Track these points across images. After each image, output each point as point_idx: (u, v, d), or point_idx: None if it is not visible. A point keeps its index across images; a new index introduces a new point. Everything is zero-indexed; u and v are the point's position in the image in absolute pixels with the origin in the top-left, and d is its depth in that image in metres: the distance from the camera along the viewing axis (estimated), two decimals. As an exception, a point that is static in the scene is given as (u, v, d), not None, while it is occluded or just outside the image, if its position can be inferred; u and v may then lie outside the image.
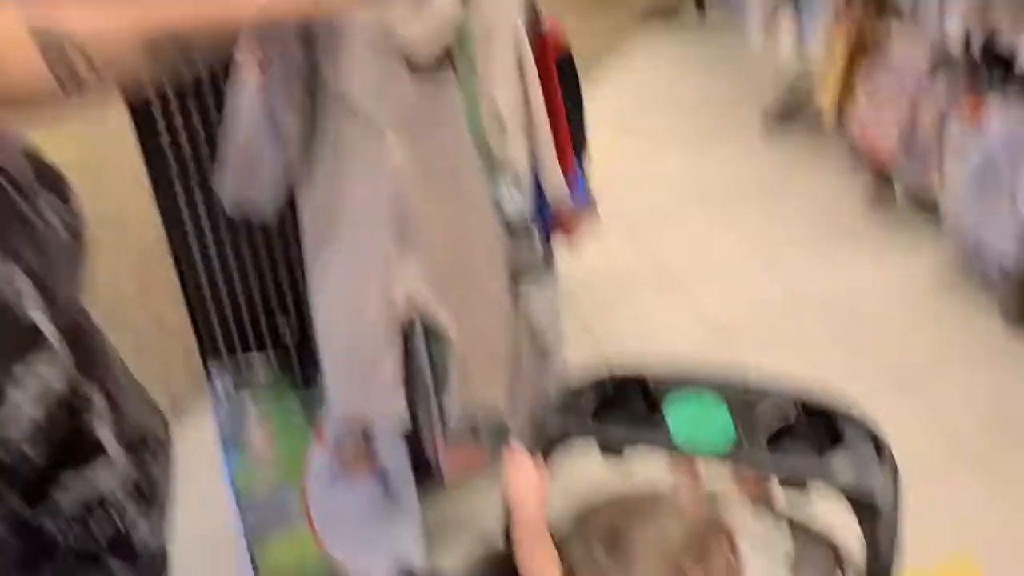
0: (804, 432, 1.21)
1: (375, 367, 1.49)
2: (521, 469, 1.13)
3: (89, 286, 0.93)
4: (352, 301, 1.45)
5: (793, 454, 1.20)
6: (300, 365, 1.63)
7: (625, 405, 1.25)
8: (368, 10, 1.19)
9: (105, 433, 0.85)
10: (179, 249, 1.55)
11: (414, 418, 1.64)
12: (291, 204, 1.44)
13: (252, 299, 1.64)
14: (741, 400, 1.20)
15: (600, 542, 0.94)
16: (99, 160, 2.48)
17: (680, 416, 1.19)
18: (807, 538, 1.33)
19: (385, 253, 1.41)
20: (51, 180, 0.87)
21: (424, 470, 1.80)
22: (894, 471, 1.10)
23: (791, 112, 3.45)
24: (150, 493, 0.91)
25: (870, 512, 1.07)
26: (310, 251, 1.44)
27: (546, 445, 1.17)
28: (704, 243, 2.87)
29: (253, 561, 1.65)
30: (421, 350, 1.65)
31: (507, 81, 1.38)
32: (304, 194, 1.40)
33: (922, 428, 2.15)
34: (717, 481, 1.41)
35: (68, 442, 0.80)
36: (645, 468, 1.21)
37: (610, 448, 1.18)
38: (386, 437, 1.67)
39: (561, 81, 1.56)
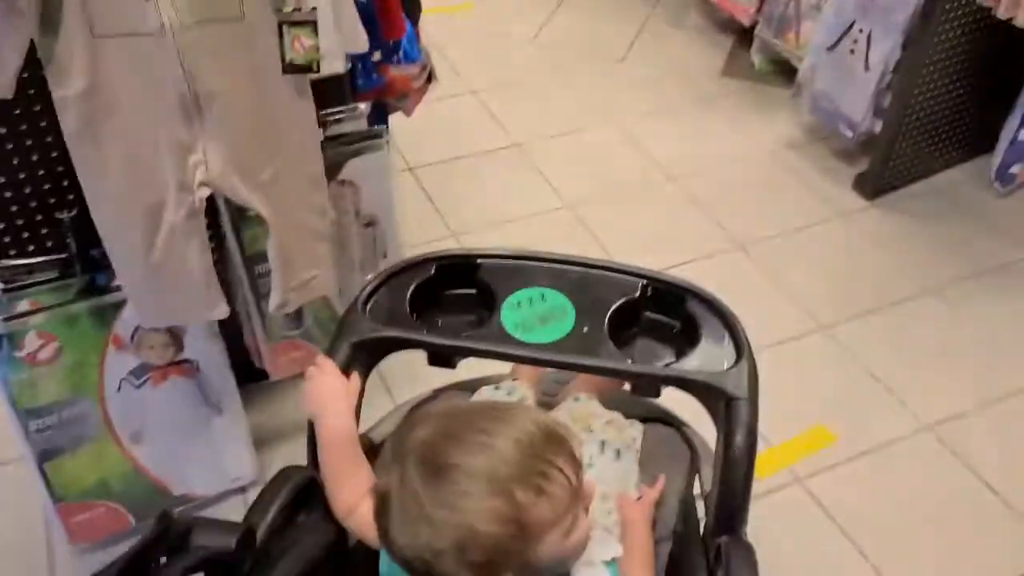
0: (651, 320, 1.10)
1: (181, 270, 1.29)
2: (323, 376, 0.97)
3: None
4: (141, 199, 1.23)
5: (639, 340, 1.09)
6: (85, 268, 1.37)
7: (451, 293, 1.10)
8: None
9: None
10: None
11: (233, 313, 1.45)
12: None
13: (23, 196, 1.36)
14: (580, 283, 1.08)
15: (418, 465, 0.78)
16: None
17: (513, 302, 1.06)
18: (658, 429, 1.25)
19: (174, 138, 1.20)
20: None
21: (246, 370, 1.61)
22: (749, 356, 1.01)
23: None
24: None
25: (723, 399, 0.97)
26: (76, 148, 1.18)
27: (356, 347, 1.01)
28: (554, 113, 2.71)
29: (48, 483, 1.45)
30: (231, 239, 1.44)
31: None
32: (56, 77, 1.12)
33: (771, 298, 2.13)
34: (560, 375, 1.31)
35: None
36: (480, 364, 1.08)
37: (435, 346, 1.03)
38: (198, 335, 1.46)
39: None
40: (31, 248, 1.41)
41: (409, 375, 1.27)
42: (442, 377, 1.15)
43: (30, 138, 1.33)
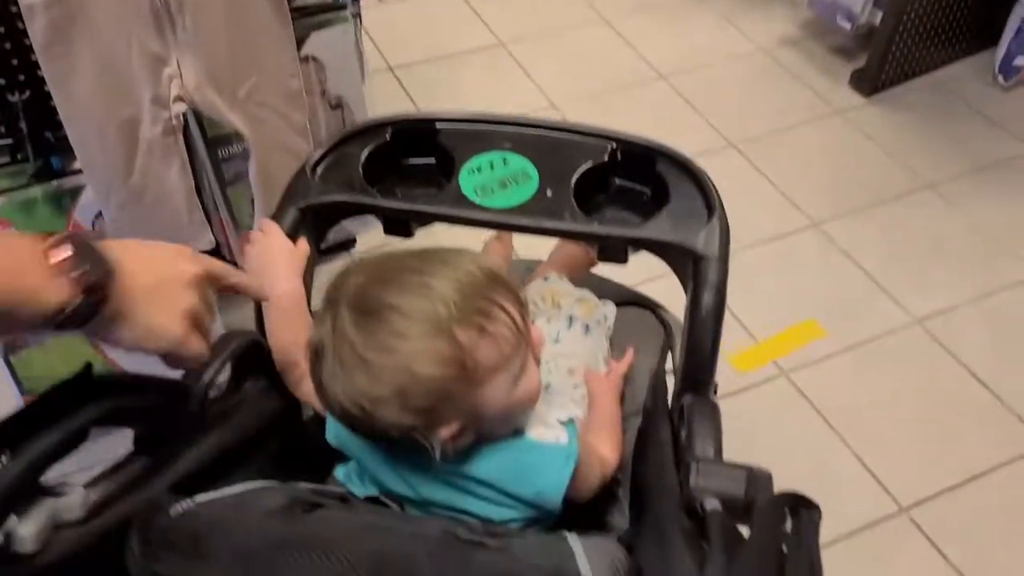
0: (621, 187, 1.05)
1: (161, 193, 1.26)
2: (266, 238, 0.92)
3: None
4: (116, 114, 1.19)
5: (608, 208, 1.04)
6: (38, 152, 1.32)
7: (410, 163, 1.05)
8: None
9: None
10: None
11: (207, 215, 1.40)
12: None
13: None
14: (545, 147, 1.02)
15: (351, 309, 0.73)
16: None
17: (473, 167, 1.00)
18: (632, 311, 1.22)
19: (147, 49, 1.15)
20: None
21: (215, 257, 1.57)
22: (720, 215, 0.95)
23: None
24: None
25: (691, 258, 0.92)
26: (47, 60, 1.13)
27: (304, 211, 0.96)
28: (540, 11, 2.61)
29: (16, 377, 1.43)
30: (192, 123, 1.38)
31: None
32: None
33: (763, 196, 2.07)
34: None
35: None
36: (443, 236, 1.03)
37: (389, 210, 0.98)
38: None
39: None
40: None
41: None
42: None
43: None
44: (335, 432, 0.87)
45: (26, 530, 0.58)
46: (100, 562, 0.62)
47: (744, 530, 0.65)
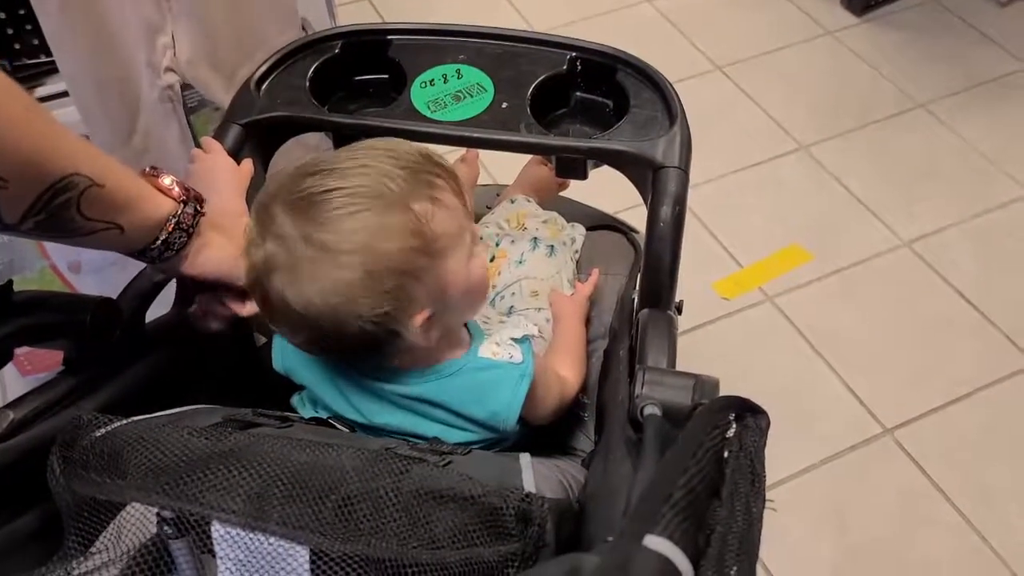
0: (581, 100, 1.00)
1: (162, 158, 1.23)
2: (205, 156, 0.88)
3: None
4: (116, 76, 1.17)
5: (567, 123, 1.00)
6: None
7: (360, 79, 1.00)
8: None
9: None
10: None
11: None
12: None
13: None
14: (500, 58, 0.98)
15: (288, 209, 0.68)
16: None
17: (425, 79, 0.96)
18: (602, 234, 1.18)
19: (143, 16, 1.12)
20: None
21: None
22: (682, 124, 0.91)
23: None
24: None
25: (651, 168, 0.89)
26: (47, 23, 1.10)
27: (248, 128, 0.92)
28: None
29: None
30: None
31: None
32: None
33: (749, 119, 2.02)
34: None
35: None
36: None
37: (335, 124, 0.94)
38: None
39: None
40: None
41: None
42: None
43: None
44: (281, 357, 0.84)
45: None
46: (21, 480, 0.60)
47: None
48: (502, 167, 1.44)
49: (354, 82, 1.01)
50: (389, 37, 0.99)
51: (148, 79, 1.19)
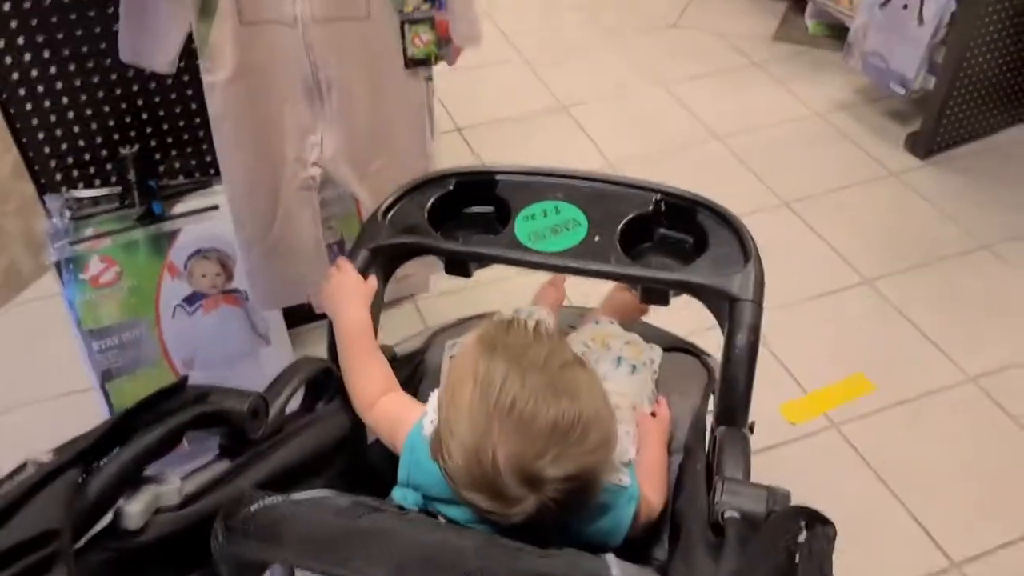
0: (664, 236, 1.13)
1: (295, 241, 1.40)
2: (340, 275, 1.03)
3: None
4: (267, 173, 1.35)
5: (652, 255, 1.12)
6: (143, 199, 1.48)
7: (470, 211, 1.15)
8: None
9: None
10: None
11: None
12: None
13: (91, 133, 1.48)
14: (593, 197, 1.11)
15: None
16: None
17: (527, 214, 1.10)
18: (677, 356, 1.28)
19: (298, 119, 1.31)
20: None
21: (295, 310, 1.70)
22: (756, 260, 1.02)
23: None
24: None
25: (727, 300, 1.00)
26: (218, 127, 1.30)
27: (374, 252, 1.06)
28: (601, 76, 2.74)
29: (110, 404, 1.56)
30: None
31: None
32: (208, 62, 1.24)
33: (816, 252, 2.12)
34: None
35: None
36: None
37: (449, 252, 1.08)
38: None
39: None
40: (96, 181, 1.52)
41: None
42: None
43: (100, 83, 1.45)
44: (407, 474, 0.90)
45: (132, 509, 0.68)
46: (190, 544, 0.72)
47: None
48: (581, 291, 1.56)
49: (465, 213, 1.16)
50: (497, 177, 1.14)
51: (292, 170, 1.36)
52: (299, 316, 1.79)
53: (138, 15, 1.25)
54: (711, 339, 1.14)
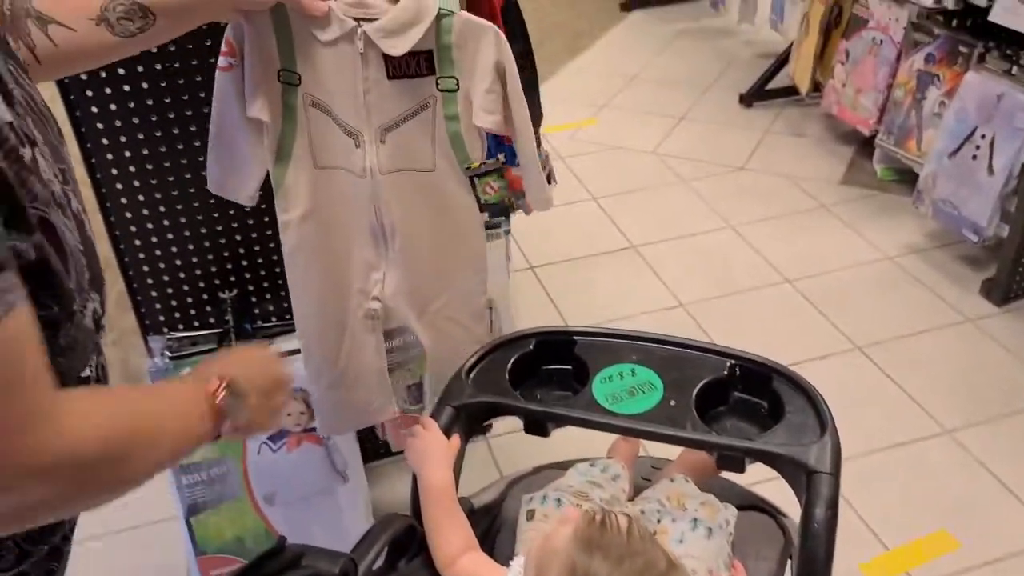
0: (739, 399, 1.16)
1: (360, 372, 1.45)
2: (426, 433, 1.07)
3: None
4: (334, 307, 1.41)
5: (727, 419, 1.15)
6: (239, 340, 1.58)
7: (549, 368, 1.20)
8: None
9: None
10: (116, 225, 1.51)
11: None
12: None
13: (194, 279, 1.60)
14: (669, 361, 1.15)
15: None
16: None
17: (605, 376, 1.14)
18: (753, 516, 1.28)
19: (364, 258, 1.38)
20: None
21: (371, 445, 1.75)
22: (832, 431, 1.04)
23: (767, 88, 3.40)
24: None
25: (805, 472, 1.01)
26: (291, 262, 1.39)
27: (458, 410, 1.12)
28: (672, 218, 2.81)
29: (193, 536, 1.61)
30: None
31: (484, 77, 1.25)
32: (283, 202, 1.33)
33: (892, 400, 2.09)
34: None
35: None
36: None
37: (529, 412, 1.12)
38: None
39: (505, 23, 1.47)
40: (196, 324, 1.63)
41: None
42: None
43: (206, 231, 1.58)
44: None
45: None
46: None
47: None
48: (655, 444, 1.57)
49: (544, 371, 1.21)
50: (575, 338, 1.19)
51: (356, 302, 1.40)
52: (374, 452, 1.84)
53: (222, 151, 1.33)
54: (783, 485, 1.15)
